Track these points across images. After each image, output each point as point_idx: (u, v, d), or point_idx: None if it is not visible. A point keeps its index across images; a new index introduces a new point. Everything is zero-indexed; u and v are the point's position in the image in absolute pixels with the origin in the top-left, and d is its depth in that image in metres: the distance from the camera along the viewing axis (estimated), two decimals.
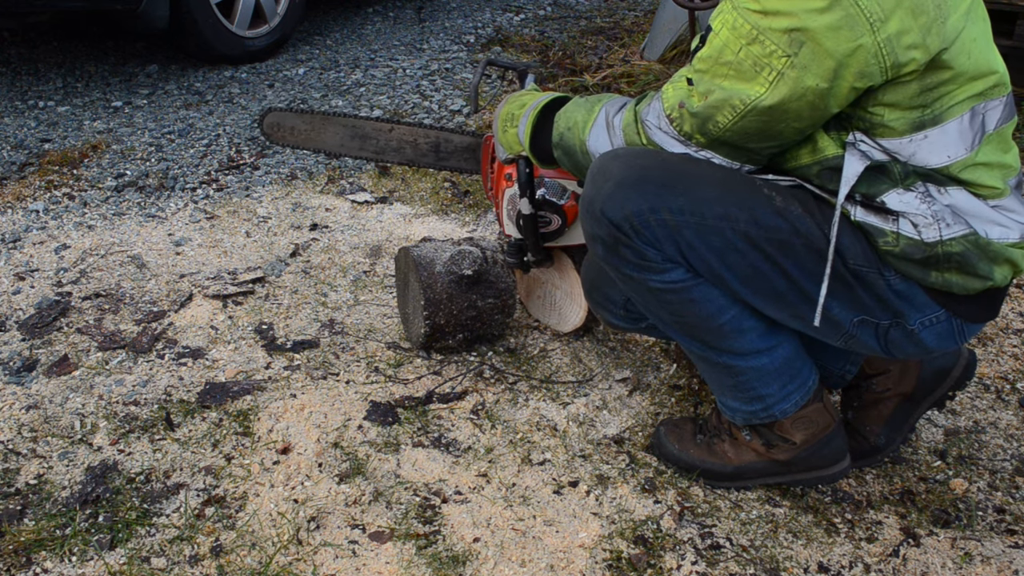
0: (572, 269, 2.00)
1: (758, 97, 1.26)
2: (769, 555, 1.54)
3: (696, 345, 1.52)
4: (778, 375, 1.53)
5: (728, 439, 1.66)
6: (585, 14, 4.87)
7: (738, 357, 1.50)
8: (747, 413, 1.58)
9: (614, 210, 1.38)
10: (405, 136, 2.08)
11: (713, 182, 1.37)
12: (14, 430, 1.74)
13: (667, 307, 1.46)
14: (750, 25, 1.25)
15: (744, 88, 1.27)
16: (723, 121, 1.31)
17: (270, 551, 1.49)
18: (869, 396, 1.71)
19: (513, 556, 1.50)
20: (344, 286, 2.28)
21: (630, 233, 1.38)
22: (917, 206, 1.31)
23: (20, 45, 4.01)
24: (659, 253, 1.39)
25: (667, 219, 1.36)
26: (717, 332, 1.47)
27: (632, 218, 1.37)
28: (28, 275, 2.27)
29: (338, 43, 4.25)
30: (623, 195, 1.37)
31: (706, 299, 1.44)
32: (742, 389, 1.54)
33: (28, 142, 3.05)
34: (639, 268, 1.42)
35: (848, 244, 1.35)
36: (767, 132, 1.31)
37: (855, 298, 1.38)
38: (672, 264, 1.40)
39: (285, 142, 2.07)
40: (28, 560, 1.46)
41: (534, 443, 1.76)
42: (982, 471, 1.76)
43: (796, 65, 1.23)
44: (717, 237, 1.36)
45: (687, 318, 1.47)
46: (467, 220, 2.63)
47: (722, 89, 1.29)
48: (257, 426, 1.77)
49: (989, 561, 1.55)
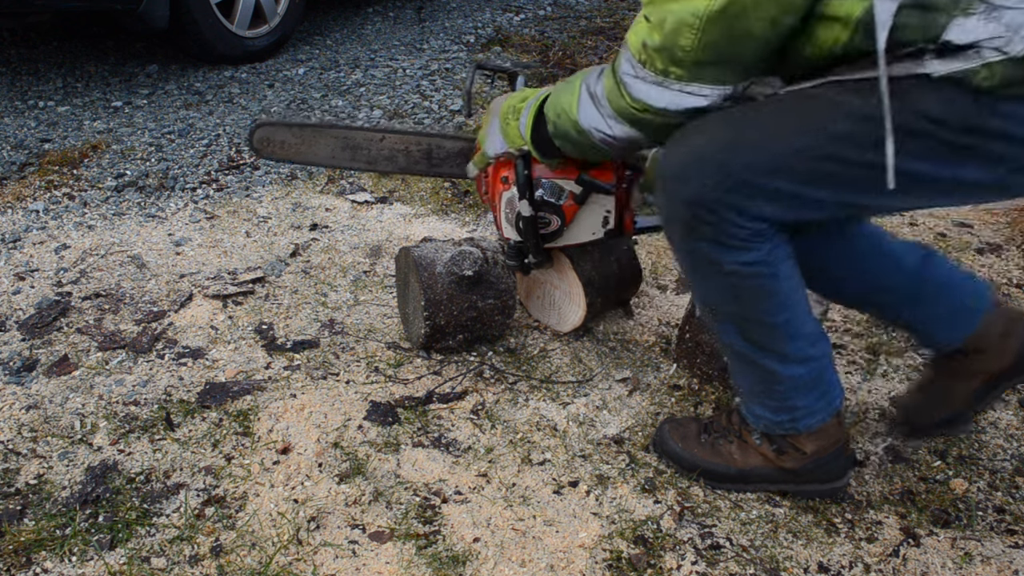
0: (571, 269, 2.00)
1: (706, 5, 1.21)
2: (769, 555, 1.54)
3: (745, 344, 1.49)
4: (812, 388, 1.53)
5: (736, 441, 1.66)
6: (585, 14, 4.87)
7: (781, 362, 1.48)
8: (772, 422, 1.57)
9: (689, 187, 1.35)
10: (396, 144, 2.07)
11: (771, 120, 1.33)
12: (14, 430, 1.74)
13: (732, 295, 1.44)
14: None
15: (691, 2, 1.23)
16: (687, 43, 1.26)
17: (270, 551, 1.49)
18: (962, 371, 1.68)
19: (513, 556, 1.50)
20: (344, 286, 2.28)
21: (712, 206, 1.34)
22: (986, 27, 1.18)
23: (20, 45, 4.01)
24: (742, 219, 1.35)
25: (747, 178, 1.32)
26: (771, 331, 1.46)
27: (710, 190, 1.33)
28: (28, 275, 2.27)
29: (338, 43, 4.25)
30: (695, 170, 1.34)
31: (774, 291, 1.42)
32: (775, 397, 1.53)
33: (28, 142, 3.05)
34: (718, 246, 1.38)
35: (944, 107, 1.23)
36: (736, 36, 1.25)
37: (989, 153, 1.26)
38: (753, 238, 1.37)
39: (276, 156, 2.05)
40: (28, 560, 1.46)
41: (534, 443, 1.76)
42: (982, 471, 1.77)
43: None
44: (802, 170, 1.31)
45: (747, 310, 1.45)
46: (467, 220, 2.63)
47: (672, 12, 1.25)
48: (257, 426, 1.77)
49: (989, 561, 1.55)
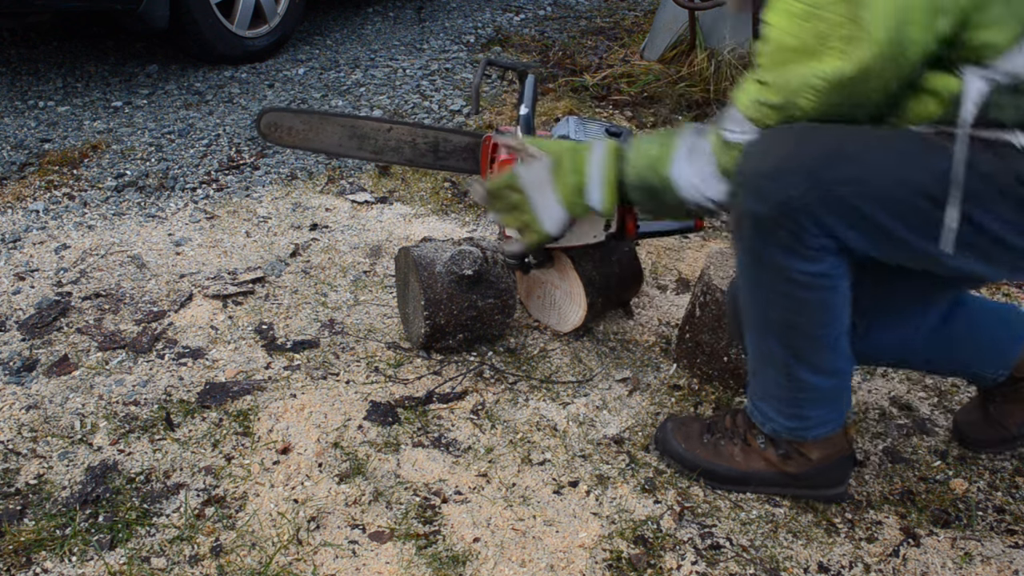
0: (572, 269, 2.00)
1: (835, 70, 1.24)
2: (769, 555, 1.54)
3: (783, 350, 1.47)
4: (829, 401, 1.53)
5: (740, 444, 1.65)
6: (585, 14, 4.87)
7: (813, 372, 1.48)
8: (782, 427, 1.56)
9: (779, 188, 1.31)
10: (404, 136, 2.07)
11: (874, 146, 1.32)
12: (14, 430, 1.74)
13: (788, 302, 1.42)
14: (804, 5, 1.23)
15: (818, 66, 1.24)
16: (806, 104, 1.28)
17: (270, 551, 1.49)
18: (1014, 395, 1.72)
19: (513, 556, 1.50)
20: (344, 286, 2.28)
21: (795, 211, 1.31)
22: None
23: (20, 45, 4.01)
24: (820, 232, 1.33)
25: (837, 191, 1.30)
26: (814, 342, 1.45)
27: (800, 196, 1.30)
28: (28, 275, 2.27)
29: (338, 43, 4.25)
30: (789, 172, 1.31)
31: (830, 305, 1.41)
32: (792, 404, 1.53)
33: (28, 142, 3.05)
34: (789, 253, 1.36)
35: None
36: (855, 101, 1.27)
37: None
38: (825, 252, 1.35)
39: (282, 142, 2.06)
40: (28, 560, 1.46)
41: (534, 443, 1.76)
42: (982, 471, 1.77)
43: (864, 27, 1.20)
44: (888, 198, 1.31)
45: (798, 319, 1.43)
46: (467, 220, 2.63)
47: (796, 75, 1.27)
48: (257, 426, 1.77)
49: (989, 561, 1.55)
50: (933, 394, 1.99)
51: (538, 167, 1.55)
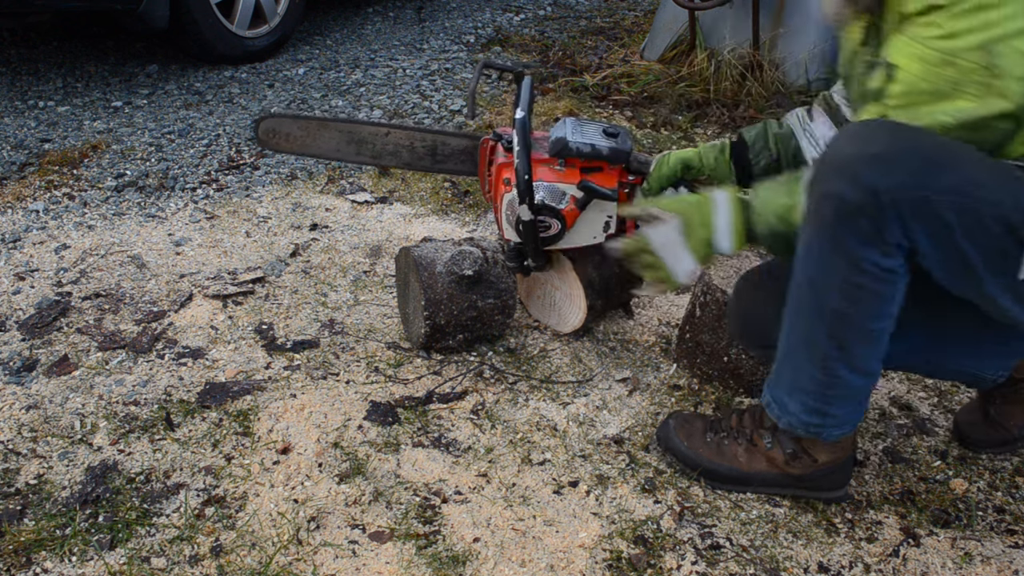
0: (571, 271, 2.00)
1: (967, 112, 1.28)
2: (769, 555, 1.54)
3: (829, 342, 1.46)
4: (853, 400, 1.52)
5: (745, 444, 1.65)
6: (585, 14, 4.87)
7: (850, 368, 1.47)
8: (801, 422, 1.54)
9: (877, 177, 1.31)
10: (401, 140, 2.07)
11: (977, 164, 1.34)
12: (14, 430, 1.74)
13: (851, 293, 1.41)
14: (938, 52, 1.27)
15: (949, 106, 1.29)
16: None
17: (270, 551, 1.49)
18: (1014, 396, 1.75)
19: (513, 556, 1.50)
20: (344, 286, 2.28)
21: (885, 204, 1.31)
22: None
23: (20, 45, 4.01)
24: (901, 231, 1.33)
25: (931, 197, 1.31)
26: (863, 336, 1.44)
27: (895, 190, 1.31)
28: (28, 275, 2.27)
29: (338, 43, 4.25)
30: (890, 165, 1.31)
31: (890, 299, 1.40)
32: (820, 399, 1.51)
33: (28, 142, 3.05)
34: (867, 243, 1.35)
35: None
36: (976, 137, 1.31)
37: None
38: (899, 250, 1.36)
39: (281, 148, 2.06)
40: (28, 560, 1.46)
41: (534, 443, 1.76)
42: (982, 471, 1.77)
43: (998, 74, 1.24)
44: (976, 219, 1.32)
45: (853, 311, 1.42)
46: (467, 220, 2.63)
47: (926, 113, 1.31)
48: (257, 426, 1.77)
49: (989, 561, 1.55)
50: (933, 394, 1.99)
51: (667, 229, 1.59)
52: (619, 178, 1.86)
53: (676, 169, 1.84)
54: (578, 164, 1.84)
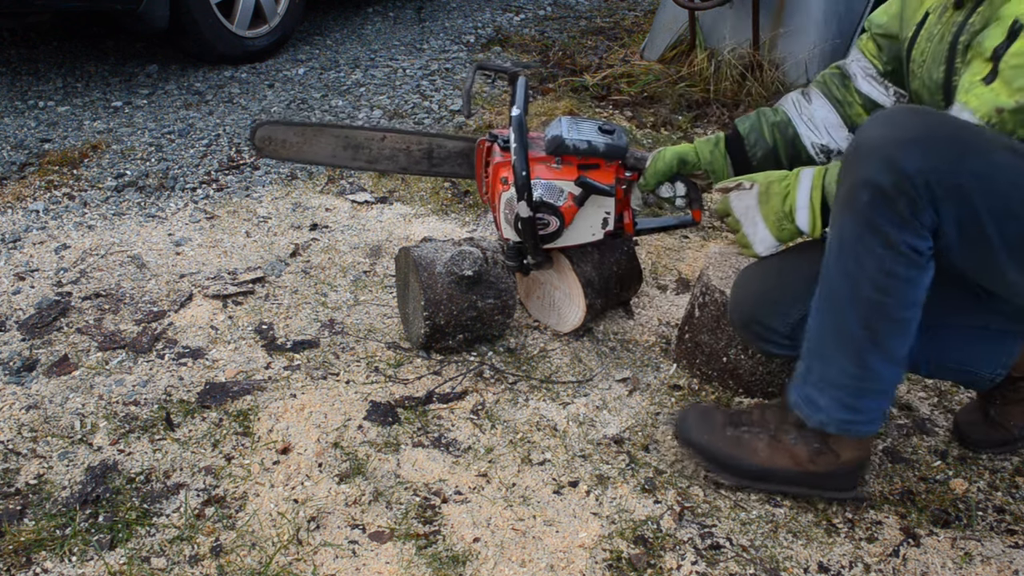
0: (570, 270, 2.00)
1: None
2: (769, 555, 1.54)
3: (863, 331, 1.46)
4: (884, 394, 1.52)
5: (767, 439, 1.62)
6: (585, 14, 4.87)
7: (884, 359, 1.47)
8: (832, 420, 1.54)
9: (911, 161, 1.32)
10: (398, 144, 2.07)
11: (1006, 150, 1.34)
12: (14, 430, 1.74)
13: (883, 278, 1.41)
14: None
15: None
16: None
17: (270, 551, 1.49)
18: (1013, 396, 1.74)
19: (513, 556, 1.50)
20: (344, 286, 2.28)
21: (919, 188, 1.33)
22: None
23: (20, 45, 4.01)
24: (933, 215, 1.35)
25: (963, 182, 1.32)
26: (895, 324, 1.44)
27: (928, 172, 1.32)
28: (28, 275, 2.27)
29: (338, 43, 4.25)
30: (924, 149, 1.32)
31: (920, 284, 1.41)
32: (854, 394, 1.51)
33: (28, 142, 3.05)
34: (902, 226, 1.36)
35: None
36: None
37: None
38: (929, 231, 1.37)
39: (278, 155, 2.06)
40: (28, 560, 1.46)
41: (534, 443, 1.76)
42: (982, 471, 1.77)
43: None
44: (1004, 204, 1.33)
45: (887, 296, 1.42)
46: (467, 220, 2.63)
47: None
48: (257, 426, 1.77)
49: (989, 561, 1.55)
50: (933, 394, 1.99)
51: (746, 196, 1.63)
52: (616, 174, 1.87)
53: (672, 164, 1.84)
54: (575, 161, 1.84)
